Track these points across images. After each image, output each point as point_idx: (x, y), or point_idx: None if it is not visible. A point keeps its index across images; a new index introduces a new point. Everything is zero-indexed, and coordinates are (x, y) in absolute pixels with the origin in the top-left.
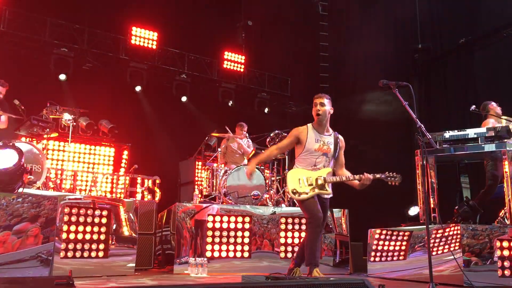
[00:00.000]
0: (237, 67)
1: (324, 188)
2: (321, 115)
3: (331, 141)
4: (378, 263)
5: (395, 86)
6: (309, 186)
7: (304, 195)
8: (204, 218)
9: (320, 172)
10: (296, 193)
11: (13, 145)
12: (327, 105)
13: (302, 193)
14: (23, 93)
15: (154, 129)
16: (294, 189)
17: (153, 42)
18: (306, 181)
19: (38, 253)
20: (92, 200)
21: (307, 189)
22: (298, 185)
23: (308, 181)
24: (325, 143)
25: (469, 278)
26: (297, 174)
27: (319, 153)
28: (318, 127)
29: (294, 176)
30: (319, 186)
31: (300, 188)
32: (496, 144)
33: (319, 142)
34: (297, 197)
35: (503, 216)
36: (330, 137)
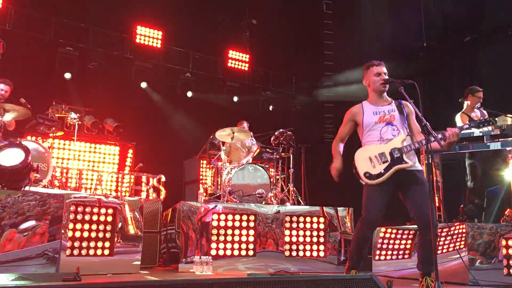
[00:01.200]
0: (241, 65)
1: (403, 161)
2: (387, 85)
3: (393, 109)
4: (383, 261)
5: (401, 84)
6: (383, 163)
7: (381, 177)
8: (208, 216)
9: (393, 142)
10: (370, 176)
11: (19, 143)
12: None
13: (378, 174)
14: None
15: (159, 128)
16: (367, 172)
17: (158, 41)
18: (380, 159)
19: (44, 251)
20: (97, 199)
21: (382, 167)
22: (370, 166)
23: (381, 158)
24: (385, 112)
25: (475, 277)
26: (366, 152)
27: (381, 124)
28: (377, 99)
29: (363, 155)
30: (395, 160)
31: (373, 169)
32: (502, 142)
33: (378, 114)
34: (372, 182)
35: (509, 215)
36: (391, 105)
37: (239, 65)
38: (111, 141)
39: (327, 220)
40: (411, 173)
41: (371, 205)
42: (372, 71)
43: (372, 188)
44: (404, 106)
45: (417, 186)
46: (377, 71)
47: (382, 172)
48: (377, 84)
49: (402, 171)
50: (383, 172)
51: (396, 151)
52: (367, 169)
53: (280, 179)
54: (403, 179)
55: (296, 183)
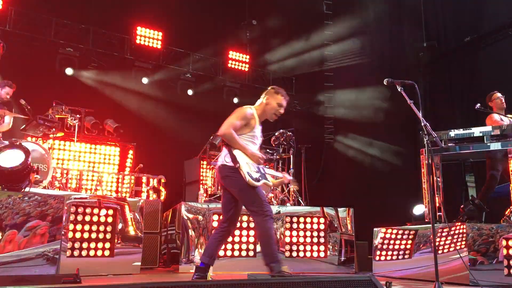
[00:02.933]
0: (241, 66)
1: (267, 179)
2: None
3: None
4: (383, 262)
5: (401, 84)
6: (257, 173)
7: (258, 181)
8: (209, 217)
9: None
10: (252, 178)
11: (19, 144)
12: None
13: (256, 179)
14: (29, 93)
15: (159, 129)
16: (249, 173)
17: (158, 42)
18: (253, 167)
19: (44, 252)
20: (97, 200)
21: (257, 175)
22: (250, 169)
23: (255, 167)
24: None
25: (475, 277)
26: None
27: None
28: (261, 117)
29: (243, 158)
30: (263, 175)
31: (253, 174)
32: (502, 142)
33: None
34: (254, 183)
35: (509, 215)
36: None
37: (239, 65)
38: (111, 142)
39: (327, 221)
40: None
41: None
42: (277, 99)
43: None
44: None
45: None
46: (281, 103)
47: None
48: (271, 112)
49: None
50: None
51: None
52: (249, 170)
53: None
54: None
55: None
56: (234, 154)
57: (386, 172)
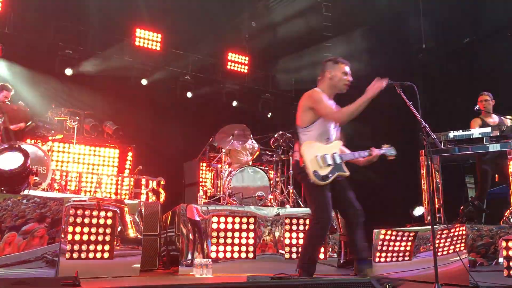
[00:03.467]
0: (241, 68)
1: (343, 170)
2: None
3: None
4: (383, 263)
5: (400, 86)
6: (328, 167)
7: (327, 179)
8: (208, 219)
9: (333, 146)
10: (319, 176)
11: (18, 147)
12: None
13: (324, 176)
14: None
15: (158, 131)
16: (316, 171)
17: (157, 44)
18: (324, 161)
19: (44, 254)
20: (97, 202)
21: (327, 170)
22: (318, 166)
23: (327, 160)
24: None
25: (475, 278)
26: (313, 151)
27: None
28: (330, 95)
29: (311, 153)
30: (337, 166)
31: (321, 170)
32: (501, 144)
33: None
34: (320, 182)
35: (509, 216)
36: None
37: (239, 67)
38: (110, 144)
39: None
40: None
41: (327, 205)
42: (340, 67)
43: (320, 189)
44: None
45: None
46: (345, 70)
47: (329, 175)
48: (342, 83)
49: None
50: (330, 175)
51: (337, 157)
52: (316, 168)
53: (280, 181)
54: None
55: (296, 185)
56: (301, 152)
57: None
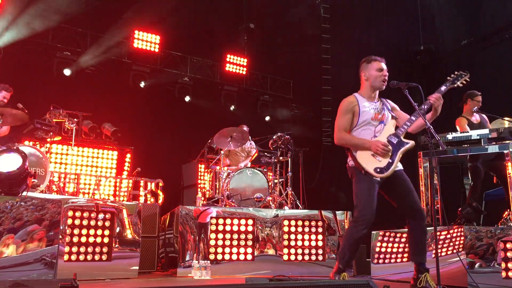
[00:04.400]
0: (239, 70)
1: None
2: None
3: (383, 107)
4: (381, 265)
5: (405, 87)
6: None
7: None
8: (207, 221)
9: (385, 132)
10: (382, 170)
11: (17, 148)
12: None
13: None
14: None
15: (156, 132)
16: (377, 167)
17: (156, 46)
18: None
19: (42, 256)
20: (95, 204)
21: (386, 161)
22: (376, 161)
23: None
24: (378, 110)
25: (474, 280)
26: (367, 151)
27: (376, 122)
28: (370, 95)
29: (364, 154)
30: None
31: (381, 163)
32: (499, 145)
33: (373, 110)
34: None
35: (507, 218)
36: (381, 103)
37: (237, 69)
38: (109, 145)
39: (325, 224)
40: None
41: (368, 205)
42: (373, 66)
43: (369, 187)
44: (387, 103)
45: (403, 180)
46: (379, 67)
47: (390, 161)
48: (378, 80)
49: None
50: (391, 161)
51: (393, 137)
52: (375, 165)
53: (279, 183)
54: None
55: (295, 187)
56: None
57: None
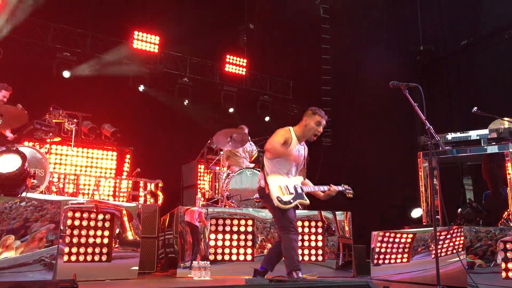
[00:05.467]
0: (239, 70)
1: (304, 198)
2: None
3: (304, 151)
4: (381, 265)
5: (405, 87)
6: (290, 194)
7: (289, 204)
8: (206, 221)
9: (295, 180)
10: (281, 201)
11: (16, 149)
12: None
13: (287, 202)
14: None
15: (156, 133)
16: (279, 197)
17: (155, 46)
18: (287, 189)
19: (41, 257)
20: (95, 204)
21: (289, 197)
22: (281, 193)
23: (289, 189)
24: (300, 153)
25: (474, 280)
26: (277, 181)
27: (293, 163)
28: (301, 138)
29: (275, 182)
30: (298, 195)
31: (284, 197)
32: (499, 146)
33: (297, 152)
34: (282, 206)
35: (507, 218)
36: (302, 148)
37: (237, 69)
38: (108, 146)
39: (325, 224)
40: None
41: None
42: (315, 118)
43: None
44: (305, 148)
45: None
46: (319, 121)
47: (291, 201)
48: (311, 132)
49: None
50: (292, 201)
51: (299, 188)
52: (279, 195)
53: None
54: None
55: None
56: (266, 181)
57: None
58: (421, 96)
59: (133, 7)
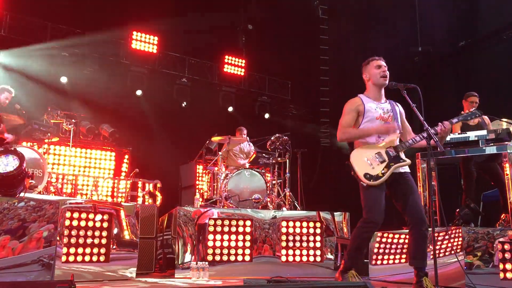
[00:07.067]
0: (237, 70)
1: (401, 159)
2: (387, 78)
3: (390, 108)
4: (379, 266)
5: (404, 88)
6: (381, 164)
7: (381, 176)
8: (205, 222)
9: (388, 141)
10: (371, 177)
11: (14, 150)
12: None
13: (377, 175)
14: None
15: (154, 133)
16: (367, 173)
17: (154, 46)
18: (377, 159)
19: (39, 257)
20: (93, 205)
21: (380, 168)
22: (369, 167)
23: (379, 158)
24: (384, 110)
25: (472, 281)
26: (362, 154)
27: (380, 122)
28: (376, 95)
29: (359, 157)
30: (393, 159)
31: (373, 170)
32: (497, 146)
33: (378, 110)
34: (374, 183)
35: (504, 219)
36: (387, 104)
37: (235, 70)
38: (107, 146)
39: (323, 225)
40: (405, 174)
41: (374, 206)
42: (372, 65)
43: (373, 189)
44: (396, 106)
45: (408, 184)
46: (377, 64)
47: (383, 172)
48: (378, 77)
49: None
50: (383, 172)
51: (392, 150)
52: (366, 170)
53: (277, 184)
54: (395, 178)
55: (293, 188)
56: (350, 160)
57: None
58: (419, 97)
59: (132, 8)
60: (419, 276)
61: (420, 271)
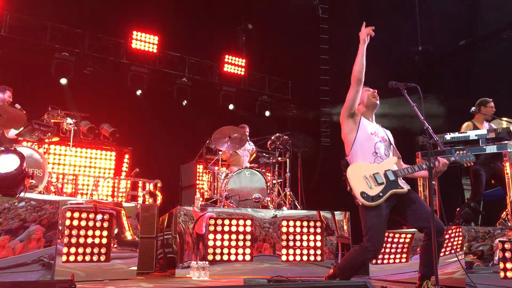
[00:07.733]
0: (238, 70)
1: (399, 186)
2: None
3: (383, 130)
4: (379, 265)
5: (404, 87)
6: (379, 185)
7: (378, 199)
8: (205, 221)
9: (386, 163)
10: (368, 197)
11: (14, 149)
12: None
13: (375, 196)
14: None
15: (155, 133)
16: (364, 192)
17: (154, 46)
18: (375, 180)
19: (40, 257)
20: (93, 204)
21: (378, 190)
22: (366, 186)
23: (378, 178)
24: (378, 130)
25: (472, 280)
26: (360, 170)
27: (376, 137)
28: (369, 117)
29: (357, 173)
30: (391, 183)
31: (370, 190)
32: (497, 145)
33: (373, 128)
34: (370, 203)
35: (505, 218)
36: (379, 126)
37: (236, 69)
38: (107, 146)
39: (324, 224)
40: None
41: (374, 234)
42: (364, 91)
43: (372, 212)
44: (388, 133)
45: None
46: (367, 88)
47: (380, 194)
48: (369, 98)
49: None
50: (381, 194)
51: (391, 174)
52: (363, 189)
53: (277, 183)
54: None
55: (293, 187)
56: (347, 175)
57: None
58: (420, 96)
59: (132, 7)
60: (422, 280)
61: (426, 277)
